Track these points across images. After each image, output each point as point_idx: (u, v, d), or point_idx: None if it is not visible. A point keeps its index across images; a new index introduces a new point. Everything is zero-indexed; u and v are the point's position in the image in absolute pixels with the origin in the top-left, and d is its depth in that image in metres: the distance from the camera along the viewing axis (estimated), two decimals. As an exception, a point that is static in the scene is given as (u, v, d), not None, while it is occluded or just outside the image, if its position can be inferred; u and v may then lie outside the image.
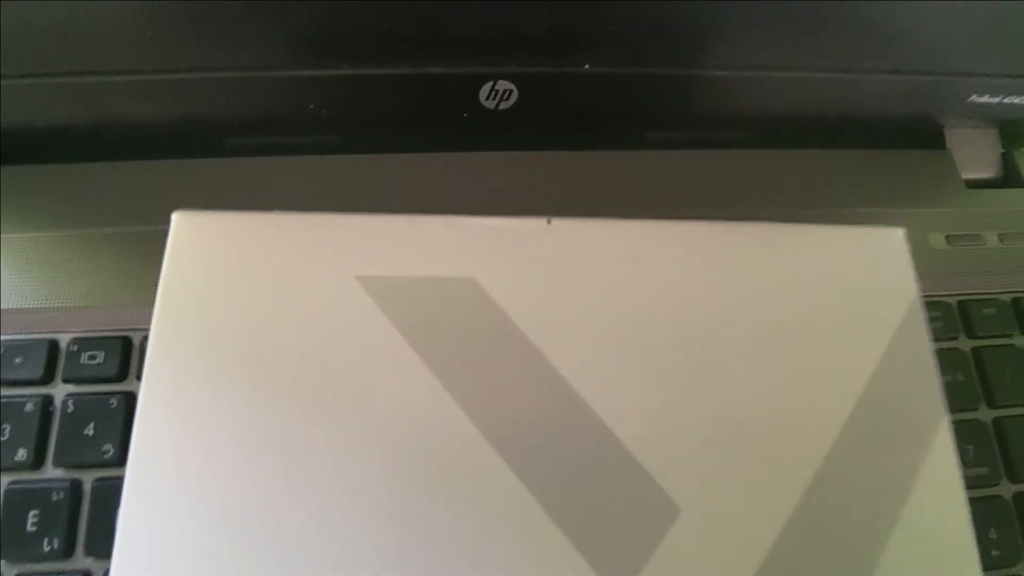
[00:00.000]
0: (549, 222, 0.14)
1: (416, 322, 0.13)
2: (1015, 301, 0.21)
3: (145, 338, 0.17)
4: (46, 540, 0.16)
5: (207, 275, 0.14)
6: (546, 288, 0.14)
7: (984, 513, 0.18)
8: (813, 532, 0.13)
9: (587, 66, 0.18)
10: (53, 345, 0.18)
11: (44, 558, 0.16)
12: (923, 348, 0.14)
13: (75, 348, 0.18)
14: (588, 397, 0.13)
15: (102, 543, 0.16)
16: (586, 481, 0.12)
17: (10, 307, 0.18)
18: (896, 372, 0.14)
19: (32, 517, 0.16)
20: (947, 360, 0.20)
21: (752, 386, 0.13)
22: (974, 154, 0.23)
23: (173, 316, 0.13)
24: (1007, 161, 0.23)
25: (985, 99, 0.21)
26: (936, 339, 0.20)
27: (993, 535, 0.18)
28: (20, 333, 0.18)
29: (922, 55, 0.20)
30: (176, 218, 0.14)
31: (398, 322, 0.13)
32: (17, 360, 0.17)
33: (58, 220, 0.19)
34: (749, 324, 0.14)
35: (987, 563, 0.18)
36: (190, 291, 0.13)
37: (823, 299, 0.14)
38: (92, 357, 0.18)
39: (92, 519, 0.16)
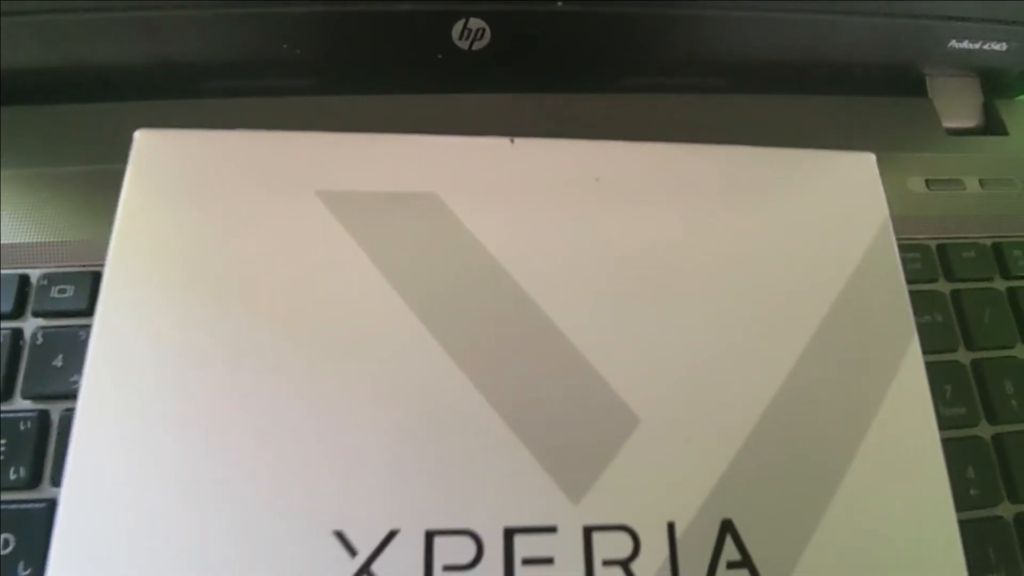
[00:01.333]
0: (512, 141, 0.14)
1: (377, 237, 0.13)
2: (995, 246, 0.20)
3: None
4: (12, 469, 0.16)
5: (168, 193, 0.13)
6: (508, 204, 0.14)
7: (962, 453, 0.18)
8: (776, 445, 0.12)
9: (560, 3, 0.18)
10: (24, 280, 0.18)
11: (11, 487, 0.16)
12: (893, 268, 0.14)
13: (45, 283, 0.17)
14: (550, 311, 0.13)
15: (68, 473, 0.16)
16: (545, 391, 0.12)
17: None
18: (866, 291, 0.14)
19: (5, 460, 0.16)
20: (926, 302, 0.20)
21: (717, 302, 0.13)
22: (955, 103, 0.23)
23: (132, 234, 0.13)
24: (988, 110, 0.23)
25: (964, 44, 0.21)
26: (915, 281, 0.20)
27: (971, 475, 0.18)
28: (-8, 269, 0.18)
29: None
30: (139, 135, 0.14)
31: (359, 237, 0.13)
32: (-13, 294, 0.17)
33: (29, 159, 0.19)
34: (714, 242, 0.14)
35: (966, 503, 0.18)
36: (150, 208, 0.13)
37: (792, 219, 0.14)
38: (62, 291, 0.17)
39: (59, 449, 0.16)
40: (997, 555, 0.17)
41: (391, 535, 0.11)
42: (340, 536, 0.11)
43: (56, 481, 0.16)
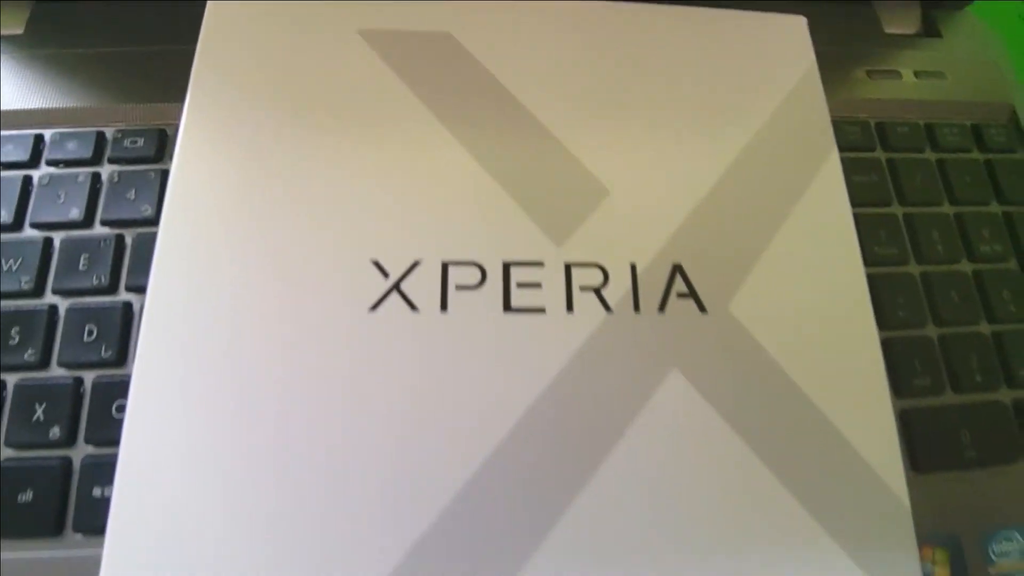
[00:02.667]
0: None
1: (402, 58, 0.16)
2: (927, 125, 0.24)
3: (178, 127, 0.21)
4: (95, 276, 0.19)
5: (236, 54, 0.17)
6: (497, 35, 0.17)
7: (894, 286, 0.21)
8: (718, 213, 0.16)
9: None
10: (100, 135, 0.21)
11: (93, 291, 0.19)
12: (818, 99, 0.17)
13: (119, 136, 0.21)
14: (537, 112, 0.16)
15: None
16: (536, 168, 0.16)
17: (63, 106, 0.21)
18: (796, 109, 0.17)
19: (83, 262, 0.19)
20: (866, 166, 0.23)
21: (672, 109, 0.16)
22: (895, 11, 0.26)
23: (206, 87, 0.16)
24: (926, 18, 0.26)
25: (901, -44, 0.24)
26: (856, 149, 0.23)
27: (901, 302, 0.21)
28: (74, 127, 0.21)
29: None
30: (210, 6, 0.17)
31: (388, 61, 0.16)
32: (70, 145, 0.21)
33: (99, 41, 0.22)
34: (674, 68, 0.17)
35: (896, 324, 0.21)
36: (221, 68, 0.16)
37: (735, 52, 0.17)
38: (133, 142, 0.21)
39: (132, 263, 0.19)
40: (922, 365, 0.20)
41: (415, 264, 0.14)
42: (376, 264, 0.14)
43: (130, 288, 0.19)
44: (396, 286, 0.14)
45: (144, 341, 0.14)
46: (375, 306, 0.14)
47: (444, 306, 0.14)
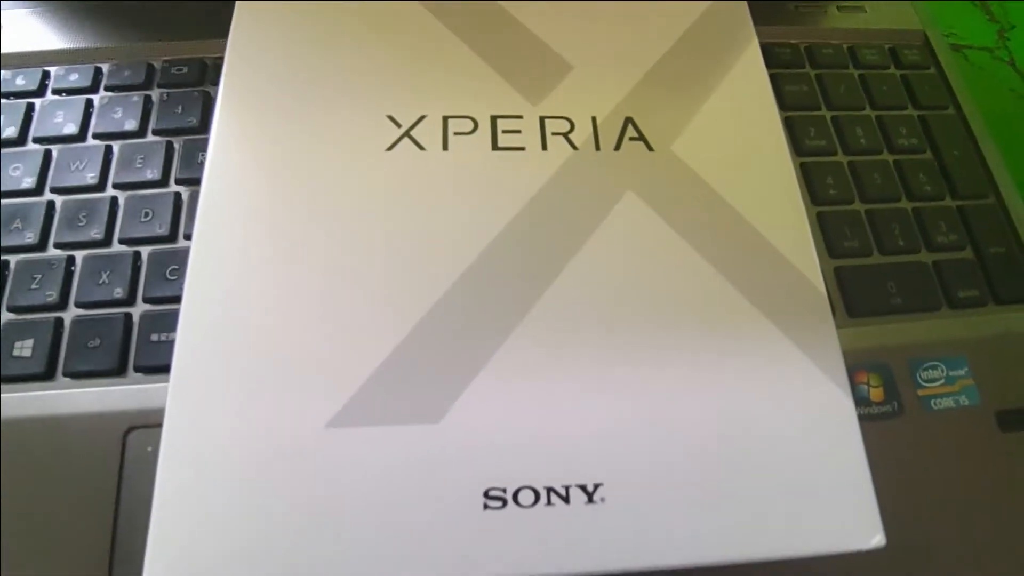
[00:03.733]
0: None
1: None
2: (850, 48, 0.28)
3: (217, 59, 0.25)
4: (148, 171, 0.23)
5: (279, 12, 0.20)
6: None
7: (824, 171, 0.25)
8: (659, 83, 0.19)
9: None
10: (150, 66, 0.25)
11: (146, 185, 0.23)
12: (741, 18, 0.21)
13: (166, 66, 0.25)
14: (511, 10, 0.20)
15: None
16: (513, 49, 0.19)
17: (113, 43, 0.25)
18: (720, 10, 0.21)
19: (139, 161, 0.23)
20: (796, 79, 0.27)
21: (617, 11, 0.20)
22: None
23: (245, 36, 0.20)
24: (847, -33, 0.31)
25: (820, -86, 0.29)
26: (788, 67, 0.27)
27: (831, 182, 0.25)
28: (126, 59, 0.25)
29: None
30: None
31: None
32: (125, 73, 0.24)
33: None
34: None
35: (827, 200, 0.24)
36: (263, 10, 0.20)
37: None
38: (179, 70, 0.25)
39: (181, 166, 0.23)
40: (851, 232, 0.24)
41: (422, 117, 0.18)
42: (391, 118, 0.18)
43: (178, 181, 0.23)
44: (407, 133, 0.18)
45: (203, 208, 0.16)
46: (390, 148, 0.17)
47: (445, 146, 0.18)
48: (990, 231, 0.24)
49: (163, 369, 0.20)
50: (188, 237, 0.22)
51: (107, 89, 0.24)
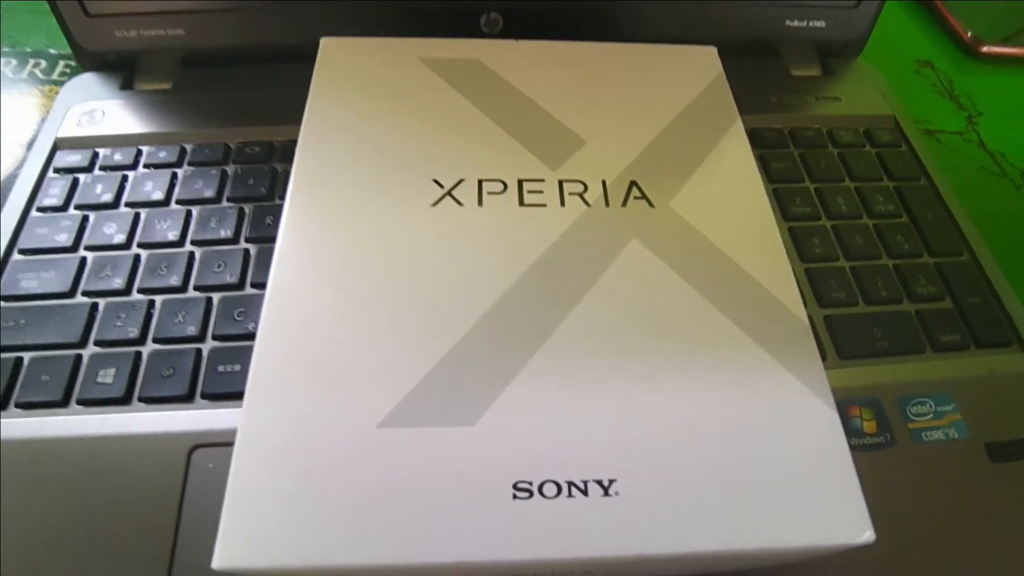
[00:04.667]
0: (517, 40, 0.26)
1: (451, 75, 0.25)
2: (829, 131, 0.32)
3: (284, 142, 0.29)
4: (222, 231, 0.26)
5: (345, 85, 0.25)
6: (508, 60, 0.25)
7: (809, 234, 0.28)
8: (658, 155, 0.23)
9: (538, 4, 0.32)
10: (226, 147, 0.29)
11: (220, 242, 0.26)
12: (725, 91, 0.25)
13: (241, 146, 0.29)
14: (531, 94, 0.24)
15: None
16: (534, 127, 0.23)
17: (196, 128, 0.30)
18: (709, 96, 0.25)
19: (214, 223, 0.27)
20: (781, 157, 0.31)
21: (619, 101, 0.24)
22: (798, 59, 0.35)
23: (321, 112, 0.25)
24: (824, 63, 0.35)
25: (796, 23, 0.34)
26: (774, 147, 0.31)
27: (816, 244, 0.28)
28: (207, 141, 0.29)
29: None
30: (324, 42, 0.26)
31: (445, 77, 0.25)
32: (206, 151, 0.29)
33: (228, 89, 0.31)
34: (613, 81, 0.25)
35: (814, 257, 0.27)
36: (332, 100, 0.24)
37: (661, 71, 0.26)
38: (252, 151, 0.29)
39: (250, 227, 0.27)
40: (838, 285, 0.27)
41: (461, 180, 0.21)
42: (436, 180, 0.21)
43: (248, 239, 0.26)
44: (448, 192, 0.21)
45: (279, 252, 0.20)
46: (435, 204, 0.21)
47: (480, 203, 0.21)
48: (967, 284, 0.27)
49: (227, 396, 0.22)
50: (255, 285, 0.25)
51: (190, 164, 0.29)
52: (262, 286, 0.25)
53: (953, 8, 0.43)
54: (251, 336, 0.24)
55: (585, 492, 0.16)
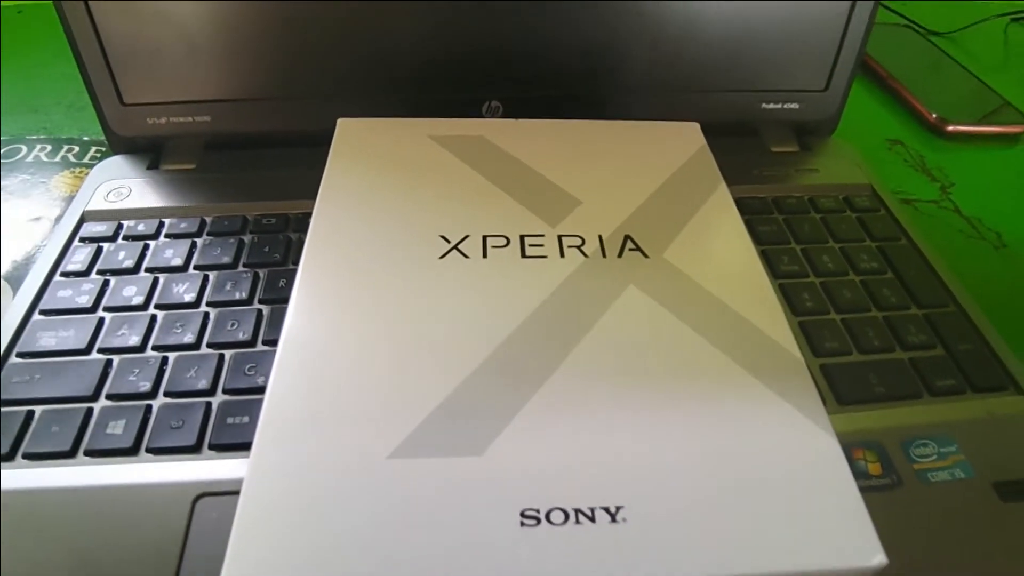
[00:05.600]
0: (516, 120, 0.29)
1: (460, 149, 0.27)
2: (810, 198, 0.34)
3: (299, 214, 0.31)
4: (237, 293, 0.27)
5: (360, 158, 0.27)
6: (513, 136, 0.28)
7: (799, 290, 0.29)
8: (650, 213, 0.25)
9: (536, 93, 0.35)
10: (244, 219, 0.31)
11: (235, 303, 0.27)
12: (709, 159, 0.27)
13: (256, 218, 0.31)
14: (530, 163, 0.26)
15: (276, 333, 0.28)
16: (535, 190, 0.25)
17: (216, 203, 0.32)
18: (694, 162, 0.27)
19: (230, 286, 0.28)
20: (767, 222, 0.32)
21: (609, 169, 0.26)
22: (776, 138, 0.38)
23: (336, 187, 0.27)
24: (801, 140, 0.38)
25: (771, 106, 0.37)
26: (759, 213, 0.33)
27: (807, 299, 0.29)
28: (226, 214, 0.31)
29: (733, 83, 0.36)
30: (340, 123, 0.29)
31: (450, 149, 0.27)
32: (225, 223, 0.31)
33: (247, 168, 0.34)
34: (605, 151, 0.27)
35: (805, 311, 0.28)
36: (348, 170, 0.27)
37: (650, 143, 0.28)
38: (268, 222, 0.31)
39: (264, 289, 0.28)
40: (830, 335, 0.27)
41: (466, 236, 0.23)
42: (443, 236, 0.23)
43: (261, 301, 0.27)
44: (455, 247, 0.23)
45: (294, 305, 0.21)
46: (442, 256, 0.22)
47: (485, 255, 0.22)
48: (956, 332, 0.28)
49: (235, 447, 0.23)
50: (267, 342, 0.26)
51: (209, 234, 0.30)
52: (274, 343, 0.26)
53: (916, 92, 0.47)
54: (261, 390, 0.24)
55: (592, 519, 0.16)
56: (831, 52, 0.35)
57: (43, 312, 0.27)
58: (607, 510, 0.16)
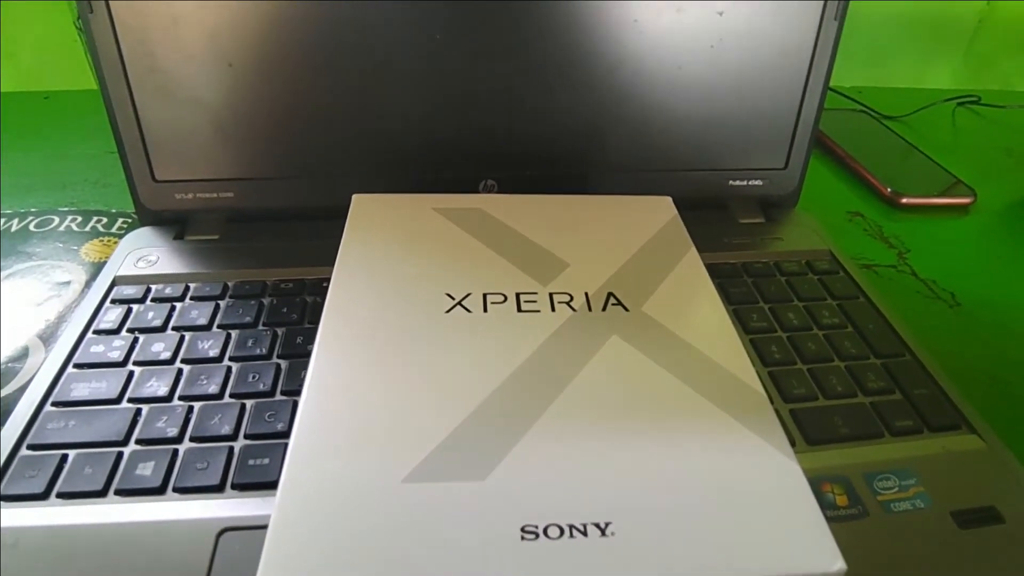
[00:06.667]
0: (510, 195, 0.33)
1: (463, 222, 0.31)
2: (776, 263, 0.37)
3: (314, 280, 0.34)
4: (258, 349, 0.30)
5: (373, 228, 0.31)
6: (507, 209, 0.31)
7: (768, 344, 0.32)
8: (628, 275, 0.28)
9: (528, 173, 0.39)
10: (263, 283, 0.34)
11: (255, 358, 0.30)
12: (680, 228, 0.31)
13: (276, 282, 0.34)
14: (525, 232, 0.30)
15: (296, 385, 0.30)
16: (527, 255, 0.28)
17: (238, 269, 0.35)
18: (666, 233, 0.31)
19: (251, 343, 0.30)
20: (737, 283, 0.36)
21: (588, 237, 0.30)
22: (743, 210, 0.42)
23: (352, 257, 0.30)
24: (766, 212, 0.42)
25: (737, 183, 0.41)
26: (729, 277, 0.37)
27: (775, 350, 0.32)
28: (247, 279, 0.34)
29: (702, 163, 0.41)
30: (355, 198, 0.32)
31: (458, 223, 0.31)
32: (246, 287, 0.34)
33: (267, 238, 0.37)
34: (585, 223, 0.31)
35: (774, 362, 0.31)
36: (363, 238, 0.31)
37: (623, 215, 0.32)
38: (286, 286, 0.34)
39: (283, 345, 0.30)
40: (797, 383, 0.30)
41: (468, 294, 0.26)
42: (448, 294, 0.26)
43: (280, 356, 0.30)
44: (459, 303, 0.26)
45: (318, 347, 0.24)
46: (448, 311, 0.25)
47: (485, 310, 0.25)
48: (912, 379, 0.31)
49: (257, 486, 0.25)
50: (285, 392, 0.28)
51: (231, 297, 0.33)
52: (293, 393, 0.28)
53: (872, 169, 0.52)
54: (281, 435, 0.26)
55: (585, 533, 0.18)
56: (787, 134, 0.40)
57: (77, 366, 0.29)
58: (597, 525, 0.18)
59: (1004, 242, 0.46)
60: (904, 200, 0.49)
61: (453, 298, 0.26)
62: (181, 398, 0.28)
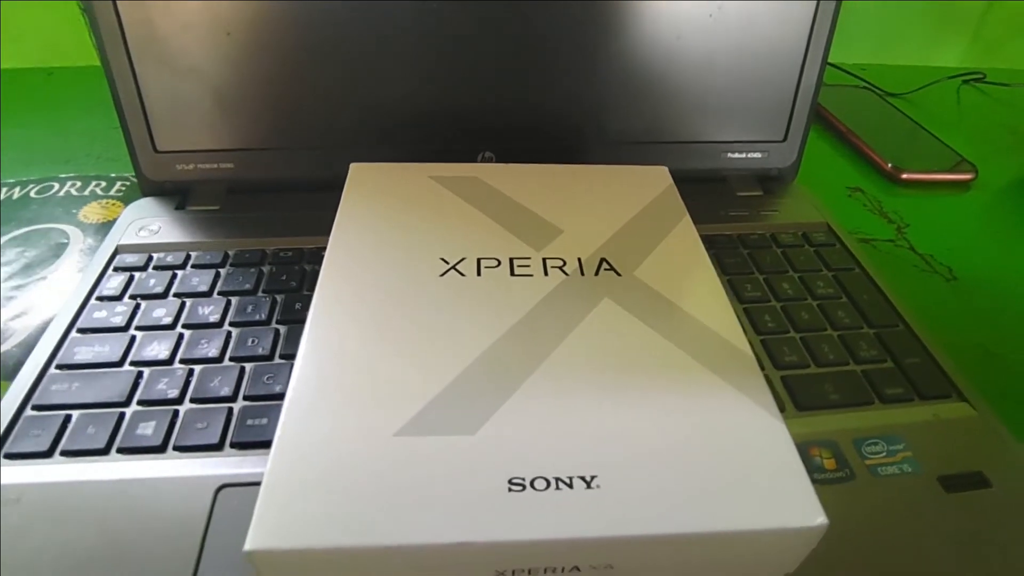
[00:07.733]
0: (507, 164, 0.33)
1: (457, 189, 0.31)
2: (772, 235, 0.37)
3: (312, 248, 0.34)
4: (257, 315, 0.30)
5: (370, 195, 0.31)
6: (504, 178, 0.32)
7: (762, 313, 0.32)
8: (623, 241, 0.28)
9: (525, 144, 0.39)
10: (263, 252, 0.34)
11: (255, 324, 0.30)
12: (675, 196, 0.31)
13: (276, 251, 0.34)
14: (516, 196, 0.30)
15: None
16: (522, 222, 0.29)
17: (238, 239, 0.35)
18: (663, 198, 0.31)
19: (250, 309, 0.31)
20: (733, 254, 0.36)
21: (585, 203, 0.30)
22: (741, 183, 0.42)
23: (349, 223, 0.31)
24: (764, 185, 0.42)
25: (734, 155, 0.41)
26: (725, 247, 0.37)
27: (768, 320, 0.32)
28: (247, 248, 0.35)
29: (700, 135, 0.41)
30: (352, 167, 0.33)
31: (447, 186, 0.31)
32: (246, 255, 0.34)
33: (267, 208, 0.38)
34: (580, 191, 0.31)
35: (767, 330, 0.31)
36: (360, 204, 0.31)
37: (622, 183, 0.32)
38: (285, 255, 0.34)
39: (281, 311, 0.31)
40: (789, 350, 0.30)
41: (463, 258, 0.26)
42: (442, 259, 0.26)
43: (278, 321, 0.30)
44: (453, 267, 0.26)
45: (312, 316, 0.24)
46: (442, 275, 0.25)
47: (479, 274, 0.26)
48: (905, 348, 0.31)
49: (254, 444, 0.25)
50: (283, 356, 0.29)
51: (231, 265, 0.34)
52: (291, 357, 0.29)
53: (874, 144, 0.52)
54: (279, 396, 0.27)
55: (571, 485, 0.19)
56: (786, 105, 0.40)
57: (80, 330, 0.30)
58: (583, 478, 0.19)
59: (1004, 219, 0.46)
60: (905, 175, 0.49)
61: (447, 262, 0.26)
62: (182, 361, 0.28)
